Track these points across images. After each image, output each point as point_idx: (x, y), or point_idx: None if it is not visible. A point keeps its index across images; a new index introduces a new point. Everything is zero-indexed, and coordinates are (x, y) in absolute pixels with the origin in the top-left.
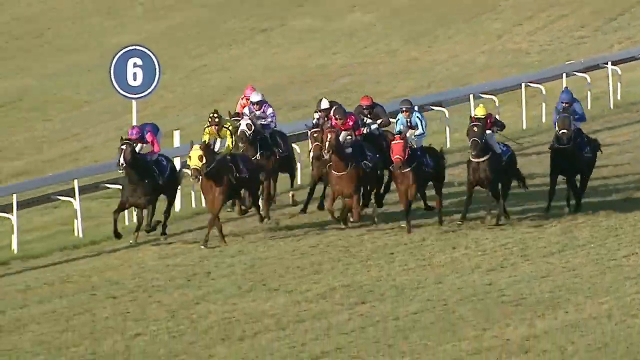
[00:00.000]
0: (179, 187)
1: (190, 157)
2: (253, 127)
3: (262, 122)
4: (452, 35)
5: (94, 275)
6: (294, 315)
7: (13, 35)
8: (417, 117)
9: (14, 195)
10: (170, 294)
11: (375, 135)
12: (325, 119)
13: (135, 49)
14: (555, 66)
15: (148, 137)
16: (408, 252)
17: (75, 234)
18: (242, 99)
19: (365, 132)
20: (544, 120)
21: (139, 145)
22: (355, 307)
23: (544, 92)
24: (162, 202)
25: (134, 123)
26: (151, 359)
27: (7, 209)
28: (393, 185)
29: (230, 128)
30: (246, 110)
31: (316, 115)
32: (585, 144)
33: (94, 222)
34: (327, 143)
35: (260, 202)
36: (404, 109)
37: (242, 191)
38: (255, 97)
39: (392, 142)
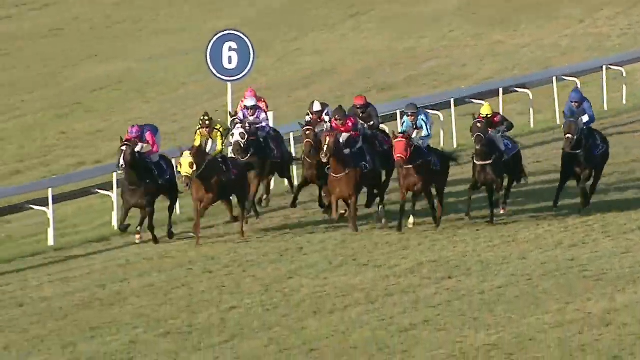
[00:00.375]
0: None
1: (181, 164)
2: (246, 136)
3: (256, 127)
4: (536, 19)
5: (190, 251)
6: (383, 289)
7: (114, 20)
8: (422, 119)
9: (114, 174)
10: (264, 269)
11: (368, 136)
12: (318, 121)
13: (230, 33)
14: (636, 49)
15: (148, 136)
16: (493, 228)
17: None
18: (242, 101)
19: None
20: (624, 102)
21: (139, 145)
22: (442, 282)
23: (624, 74)
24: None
25: (230, 105)
26: (246, 331)
27: (108, 187)
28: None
29: (221, 130)
30: (240, 115)
31: (307, 118)
32: (596, 145)
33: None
34: (325, 147)
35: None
36: (409, 113)
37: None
38: (250, 102)
39: (395, 141)
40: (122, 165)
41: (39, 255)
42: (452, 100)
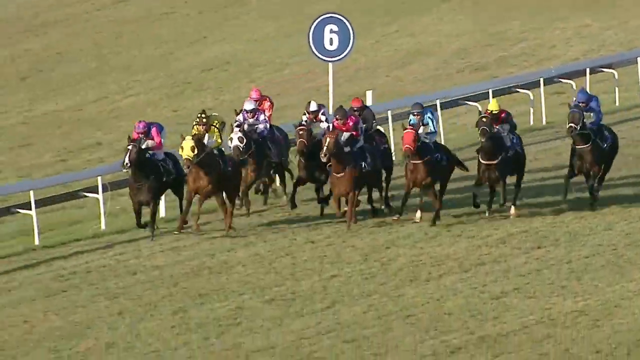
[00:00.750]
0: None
1: (182, 147)
2: (245, 140)
3: (256, 127)
4: (621, 3)
5: (294, 223)
6: (476, 259)
7: (221, 5)
8: (429, 117)
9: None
10: (362, 239)
11: (367, 137)
12: (314, 120)
13: (331, 16)
14: None
15: (153, 132)
16: (581, 201)
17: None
18: (250, 96)
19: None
20: None
21: (145, 142)
22: (531, 251)
23: None
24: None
25: (330, 85)
26: (346, 298)
27: None
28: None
29: (217, 125)
30: (240, 117)
31: (304, 117)
32: (604, 139)
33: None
34: (325, 147)
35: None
36: (415, 112)
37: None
38: (249, 105)
39: (404, 132)
40: (127, 164)
41: None
42: (542, 80)
